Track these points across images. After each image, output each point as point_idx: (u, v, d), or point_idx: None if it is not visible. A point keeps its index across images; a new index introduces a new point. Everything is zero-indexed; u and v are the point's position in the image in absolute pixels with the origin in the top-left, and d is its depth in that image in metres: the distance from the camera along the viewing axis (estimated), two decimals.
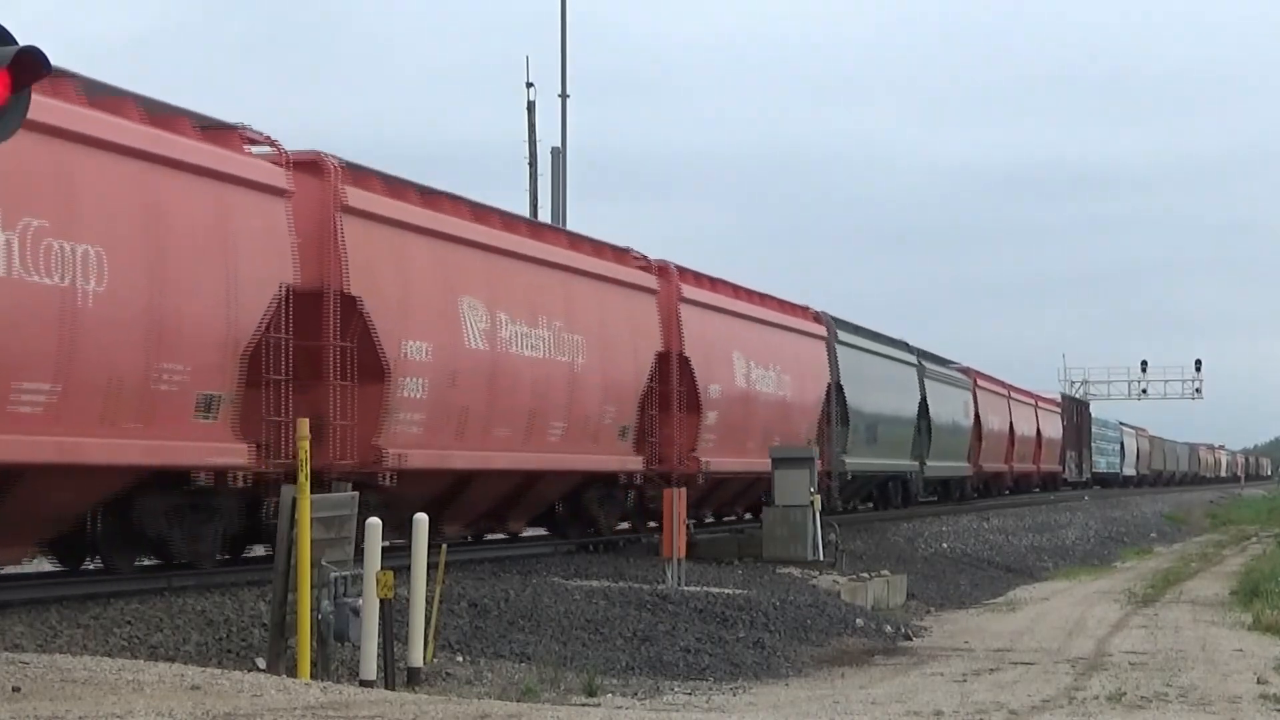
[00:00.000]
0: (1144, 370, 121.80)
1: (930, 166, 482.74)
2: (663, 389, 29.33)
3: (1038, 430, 75.12)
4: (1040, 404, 77.24)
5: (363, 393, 20.23)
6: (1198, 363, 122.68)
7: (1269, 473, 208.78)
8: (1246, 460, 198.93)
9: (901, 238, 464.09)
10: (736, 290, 34.53)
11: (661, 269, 30.12)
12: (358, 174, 20.97)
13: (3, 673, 11.89)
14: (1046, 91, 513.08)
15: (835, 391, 39.20)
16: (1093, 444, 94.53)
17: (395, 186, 22.03)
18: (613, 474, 28.00)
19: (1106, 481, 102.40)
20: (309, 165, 19.96)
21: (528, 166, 45.70)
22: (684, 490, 26.59)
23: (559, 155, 45.12)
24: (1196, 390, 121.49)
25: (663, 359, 29.38)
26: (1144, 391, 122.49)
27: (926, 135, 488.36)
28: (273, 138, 19.35)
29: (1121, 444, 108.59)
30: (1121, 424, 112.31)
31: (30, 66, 11.27)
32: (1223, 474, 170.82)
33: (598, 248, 28.07)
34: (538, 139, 45.83)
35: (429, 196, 22.84)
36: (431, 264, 22.22)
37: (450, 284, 22.59)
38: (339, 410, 19.93)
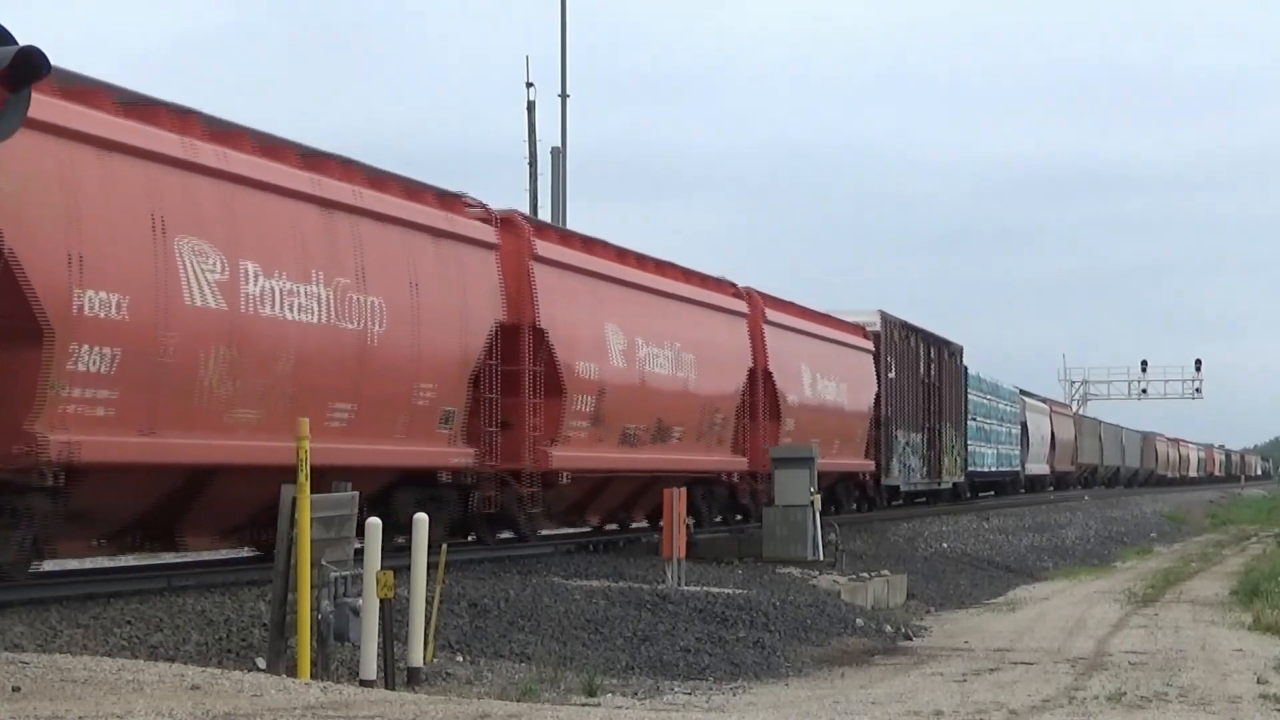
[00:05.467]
0: (1144, 370, 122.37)
1: (930, 168, 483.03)
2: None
3: (750, 383, 33.18)
4: (772, 313, 35.07)
5: None
6: (1198, 363, 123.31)
7: (1258, 472, 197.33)
8: (1229, 458, 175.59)
9: (900, 238, 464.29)
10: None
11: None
12: None
13: (3, 673, 11.88)
14: (1050, 94, 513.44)
15: None
16: (969, 421, 54.97)
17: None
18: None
19: (994, 486, 65.26)
20: None
21: (528, 166, 45.84)
22: (684, 490, 26.54)
23: (559, 155, 45.21)
24: (1196, 390, 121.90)
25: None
26: (1144, 391, 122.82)
27: (925, 137, 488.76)
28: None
29: (1024, 425, 68.85)
30: (1025, 394, 71.58)
31: (30, 66, 11.29)
32: (1191, 473, 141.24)
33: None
34: (543, 139, 46.02)
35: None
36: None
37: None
38: None
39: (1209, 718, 15.42)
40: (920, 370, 47.42)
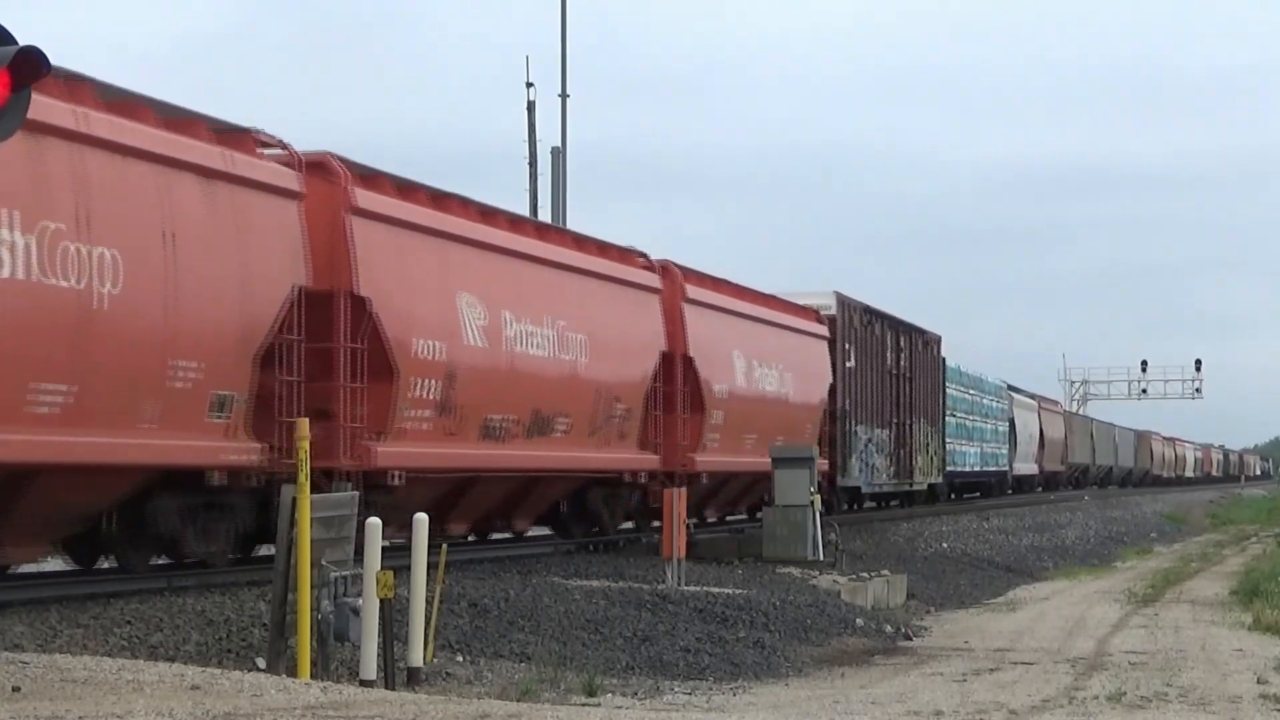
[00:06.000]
0: (1144, 370, 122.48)
1: (929, 168, 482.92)
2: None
3: (665, 369, 29.30)
4: (696, 290, 30.74)
5: None
6: (1198, 363, 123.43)
7: (1257, 472, 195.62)
8: (1227, 458, 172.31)
9: (900, 238, 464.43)
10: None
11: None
12: None
13: (3, 673, 11.89)
14: (1050, 94, 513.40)
15: None
16: (948, 417, 51.10)
17: None
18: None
19: (978, 487, 62.45)
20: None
21: (528, 166, 45.94)
22: (684, 490, 26.54)
23: (559, 155, 45.28)
24: (1196, 390, 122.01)
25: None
26: (1144, 391, 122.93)
27: (924, 137, 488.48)
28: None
29: (1011, 422, 64.91)
30: (1013, 389, 67.42)
31: (30, 66, 11.28)
32: (1188, 473, 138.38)
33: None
34: (543, 139, 46.13)
35: None
36: None
37: None
38: None
39: (1209, 718, 15.42)
40: (887, 360, 42.73)
